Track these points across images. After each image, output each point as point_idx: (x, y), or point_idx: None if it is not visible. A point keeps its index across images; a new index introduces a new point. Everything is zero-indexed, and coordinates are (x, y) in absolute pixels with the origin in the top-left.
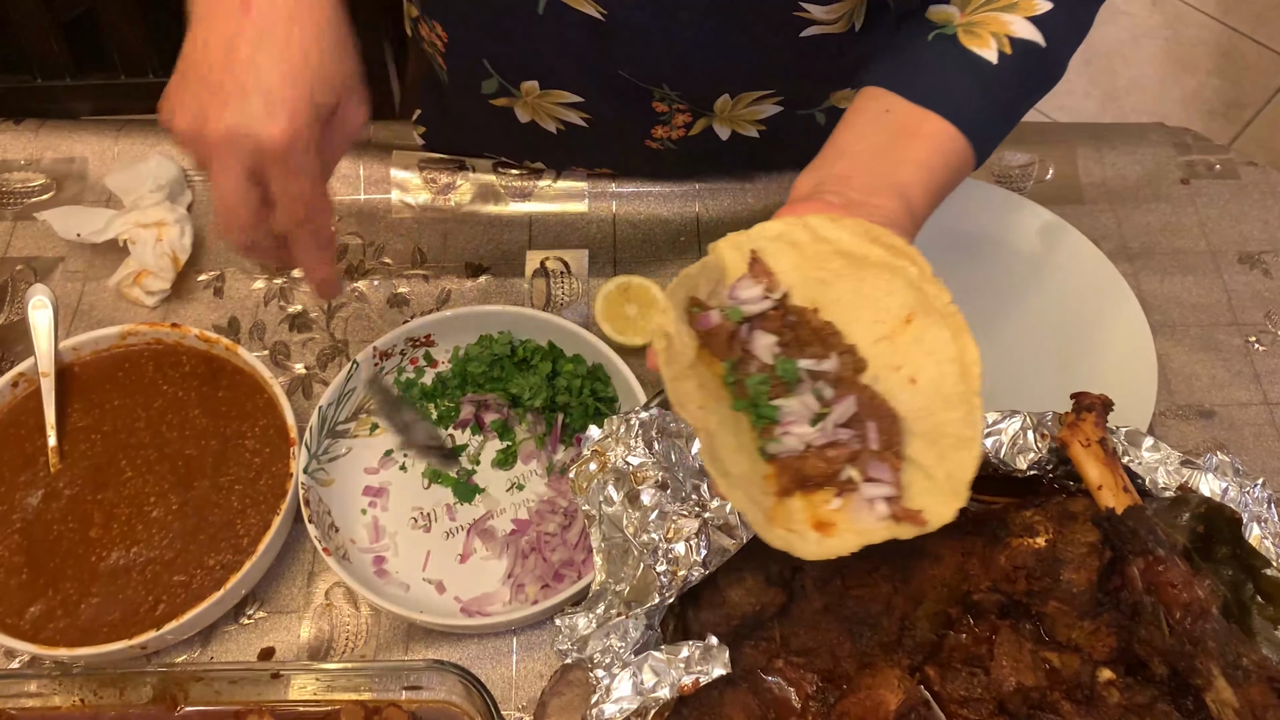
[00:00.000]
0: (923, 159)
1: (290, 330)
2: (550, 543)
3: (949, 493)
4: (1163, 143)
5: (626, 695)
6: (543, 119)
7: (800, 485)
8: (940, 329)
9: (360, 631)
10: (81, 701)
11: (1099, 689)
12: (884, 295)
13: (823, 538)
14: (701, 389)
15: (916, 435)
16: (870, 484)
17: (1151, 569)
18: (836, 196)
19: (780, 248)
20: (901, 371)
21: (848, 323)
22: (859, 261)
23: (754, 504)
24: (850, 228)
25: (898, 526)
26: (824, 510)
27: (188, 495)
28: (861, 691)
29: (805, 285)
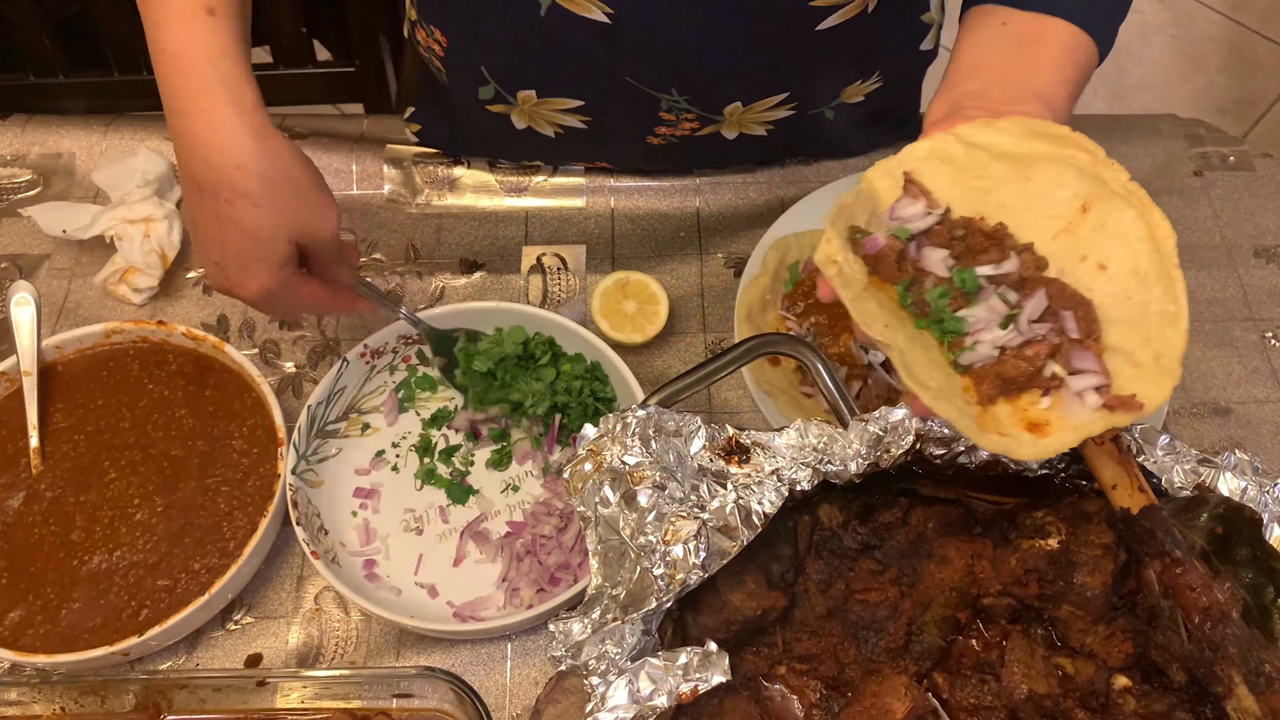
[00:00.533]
0: (1054, 62)
1: (280, 328)
2: (546, 545)
3: (1160, 372)
4: (1175, 134)
5: (622, 704)
6: (540, 125)
7: (1003, 391)
8: (1124, 209)
9: (350, 637)
10: (62, 710)
11: (1114, 697)
12: (1053, 189)
13: (1038, 438)
14: (882, 309)
15: (1116, 322)
16: (1077, 376)
17: (1169, 571)
18: (979, 111)
19: (933, 165)
20: (1089, 260)
21: (1019, 225)
22: (1022, 160)
23: (961, 413)
24: (1006, 128)
25: (1113, 415)
26: (1033, 411)
27: (173, 497)
28: (867, 699)
29: (965, 198)
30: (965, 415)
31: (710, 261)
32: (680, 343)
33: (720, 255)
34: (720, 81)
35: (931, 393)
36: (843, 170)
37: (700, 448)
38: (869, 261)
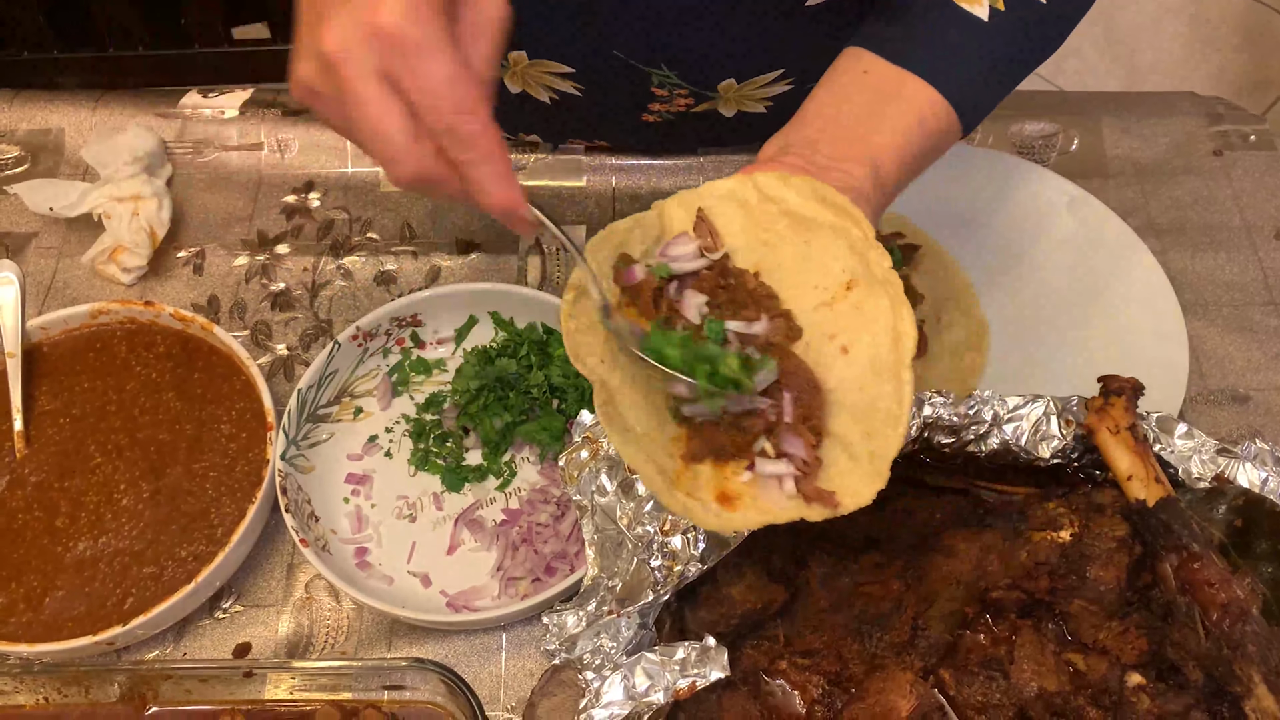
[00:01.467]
0: (898, 125)
1: (272, 309)
2: (542, 534)
3: (871, 473)
4: (1194, 112)
5: (618, 700)
6: (534, 89)
7: (712, 453)
8: (880, 297)
9: (341, 627)
10: (45, 700)
11: (1127, 694)
12: (829, 260)
13: (723, 510)
14: (609, 344)
15: (845, 409)
16: (776, 460)
17: (1186, 566)
18: (801, 160)
19: (729, 207)
20: (836, 340)
21: (789, 288)
22: (806, 224)
23: (654, 465)
24: (798, 187)
25: (807, 507)
26: (733, 482)
27: (160, 483)
28: (870, 697)
29: (750, 248)
30: (658, 467)
31: None
32: None
33: None
34: (709, 58)
35: (628, 438)
36: None
37: None
38: (627, 292)
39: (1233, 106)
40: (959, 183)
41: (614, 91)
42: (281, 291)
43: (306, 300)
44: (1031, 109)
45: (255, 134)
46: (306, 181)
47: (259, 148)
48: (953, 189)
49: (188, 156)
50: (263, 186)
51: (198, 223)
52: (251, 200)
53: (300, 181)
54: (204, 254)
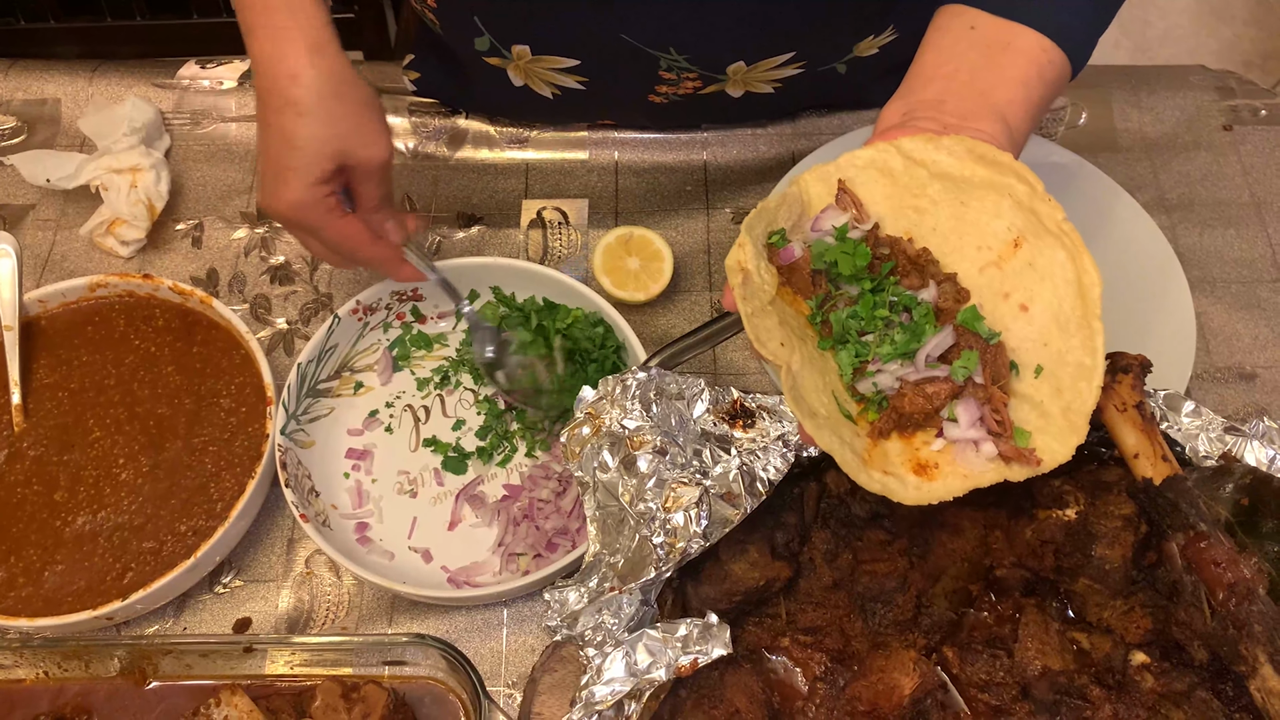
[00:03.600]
0: (1019, 76)
1: (272, 283)
2: (543, 510)
3: (1066, 428)
4: (1204, 86)
5: (619, 676)
6: (536, 84)
7: (897, 425)
8: (1055, 250)
9: (342, 602)
10: (45, 674)
11: (1131, 673)
12: (989, 219)
13: (923, 481)
14: (783, 326)
15: (1030, 367)
16: (971, 424)
17: (1192, 545)
18: (931, 123)
19: (871, 176)
20: (1011, 298)
21: (949, 252)
22: (961, 184)
23: (848, 447)
24: (950, 147)
25: (1008, 468)
26: (925, 452)
27: (159, 457)
28: (873, 674)
29: (898, 215)
30: (850, 448)
31: (717, 216)
32: (685, 301)
33: (728, 210)
34: (720, 40)
35: (817, 421)
36: (858, 121)
37: (704, 411)
38: (782, 272)
39: (1244, 80)
40: None
41: (620, 79)
42: (281, 265)
43: (306, 274)
44: None
45: (254, 105)
46: None
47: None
48: None
49: (186, 128)
50: None
51: (196, 195)
52: (250, 172)
53: None
54: (203, 227)
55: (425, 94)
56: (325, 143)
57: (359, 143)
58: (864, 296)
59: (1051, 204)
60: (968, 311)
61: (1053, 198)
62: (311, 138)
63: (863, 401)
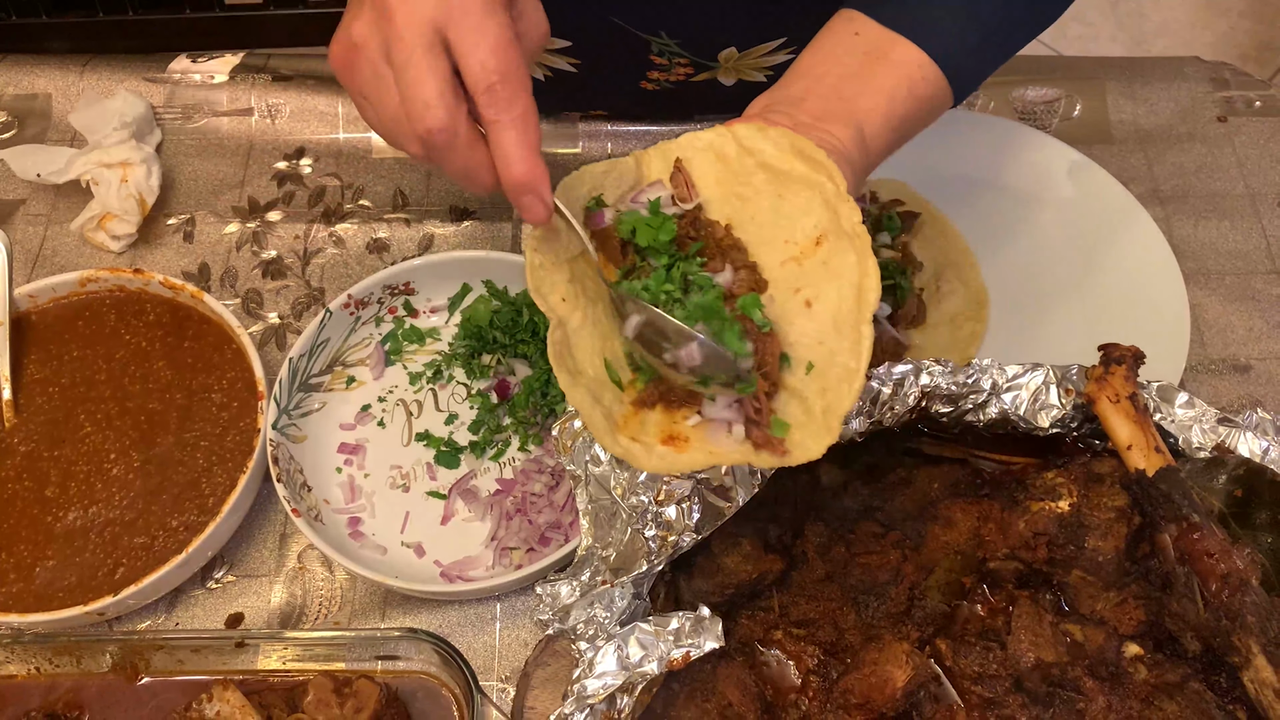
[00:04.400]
0: (885, 87)
1: (264, 277)
2: (536, 504)
3: (822, 428)
4: (1199, 78)
5: (611, 670)
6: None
7: (662, 398)
8: (847, 252)
9: (335, 597)
10: (37, 670)
11: (1124, 665)
12: (800, 215)
13: (669, 451)
14: (573, 284)
15: (803, 363)
16: (726, 405)
17: (1185, 536)
18: (784, 118)
19: (707, 159)
20: (801, 294)
21: (761, 242)
22: (781, 176)
23: (600, 408)
24: (775, 139)
25: (755, 453)
26: (681, 426)
27: (150, 452)
28: (866, 667)
29: (724, 200)
30: (602, 410)
31: None
32: None
33: None
34: (711, 24)
35: (577, 381)
36: None
37: None
38: (596, 236)
39: (1238, 72)
40: (960, 149)
41: (612, 63)
42: (273, 259)
43: (298, 268)
44: (1034, 74)
45: (245, 99)
46: (298, 148)
47: (249, 113)
48: (953, 156)
49: (177, 122)
50: (253, 153)
51: (188, 189)
52: (242, 166)
53: (291, 148)
54: (194, 221)
55: None
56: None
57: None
58: (657, 271)
59: (850, 205)
60: (748, 299)
61: (852, 199)
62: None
63: (637, 371)
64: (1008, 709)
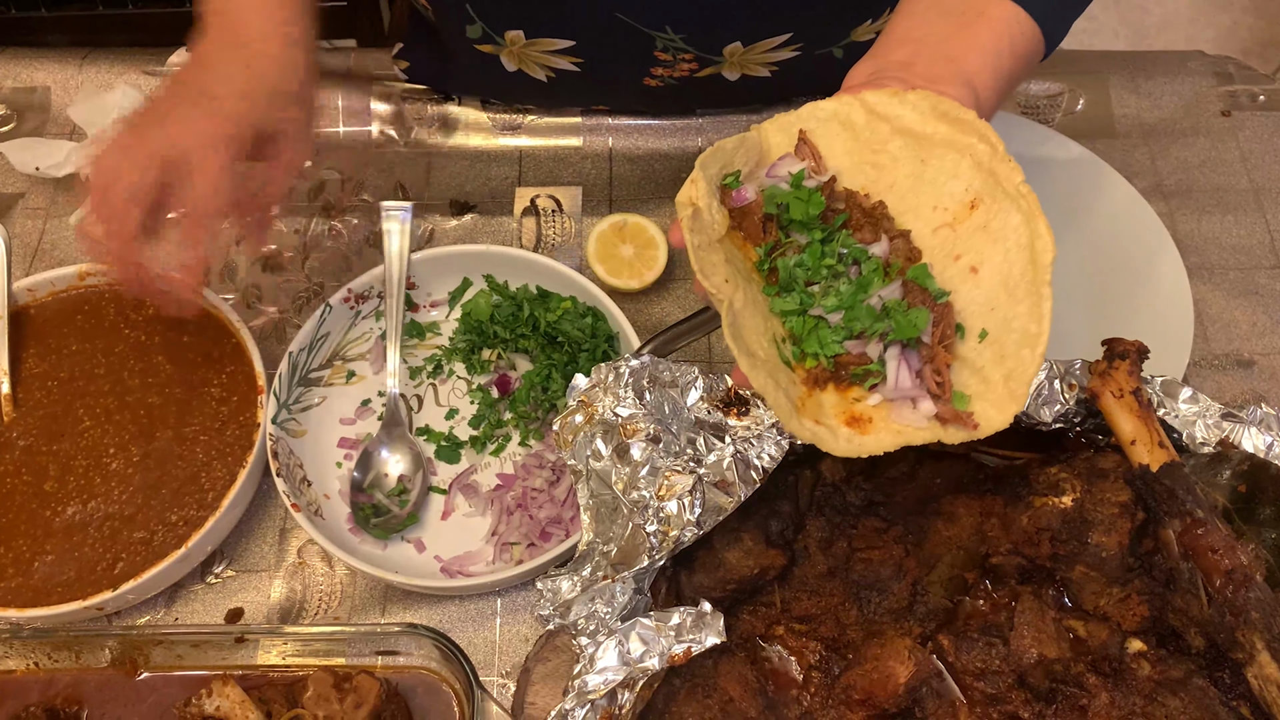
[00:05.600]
0: (989, 45)
1: (263, 272)
2: (537, 499)
3: (1006, 396)
4: (1203, 72)
5: (612, 665)
6: (531, 68)
7: (834, 377)
8: (1011, 213)
9: (335, 592)
10: (35, 665)
11: (1128, 661)
12: (948, 179)
13: (855, 434)
14: (729, 264)
15: (975, 331)
16: (911, 382)
17: (1189, 532)
18: (898, 83)
19: (832, 129)
20: (962, 260)
21: (904, 210)
22: (922, 141)
23: (781, 391)
24: (914, 103)
25: (943, 429)
26: (860, 406)
27: (150, 446)
28: (868, 663)
29: (857, 170)
30: (785, 394)
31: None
32: (679, 289)
33: None
34: (716, 19)
35: (754, 361)
36: None
37: (697, 399)
38: (734, 215)
39: (1242, 66)
40: None
41: (615, 61)
42: (272, 253)
43: (298, 262)
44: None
45: None
46: None
47: None
48: None
49: None
50: None
51: None
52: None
53: None
54: None
55: (416, 82)
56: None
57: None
58: (812, 245)
59: (1011, 165)
60: (918, 269)
61: (1013, 159)
62: (273, 92)
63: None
64: (1010, 705)
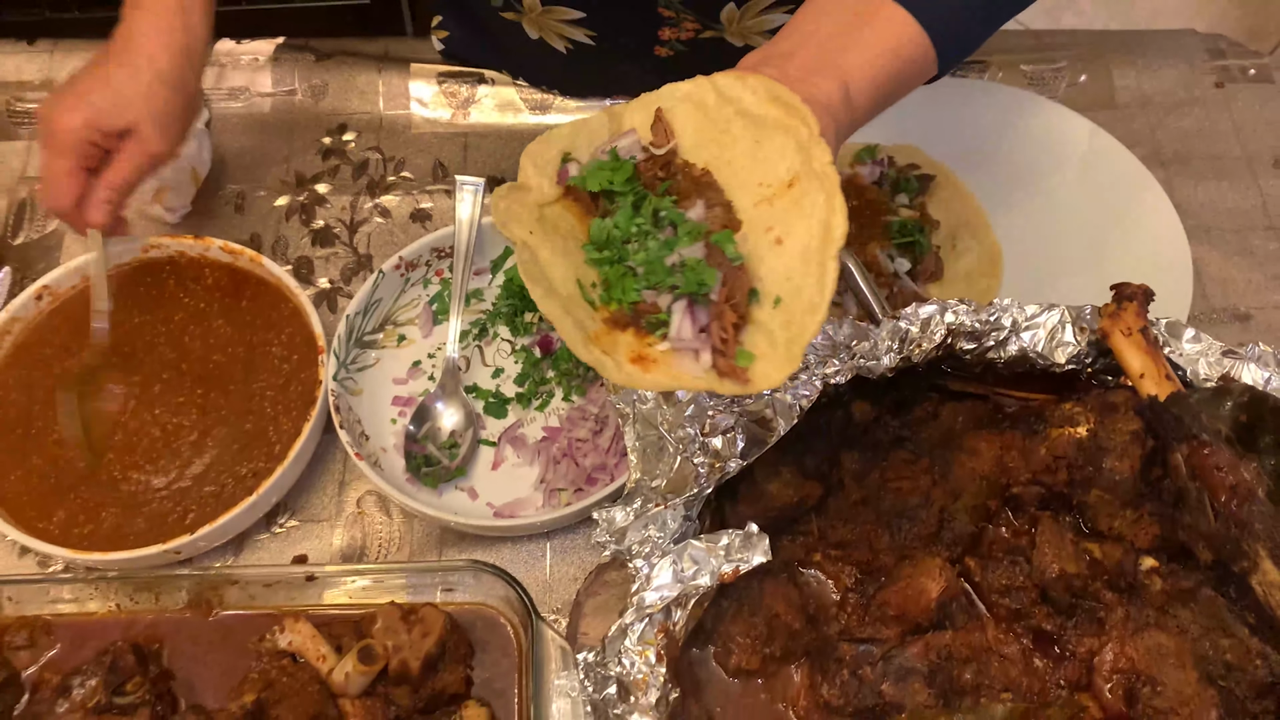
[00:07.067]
0: (872, 45)
1: (313, 245)
2: (582, 448)
3: (784, 358)
4: (1196, 48)
5: (667, 583)
6: (550, 37)
7: (634, 323)
8: (817, 191)
9: (393, 538)
10: (117, 606)
11: (1141, 577)
12: (776, 159)
13: (637, 370)
14: (541, 224)
15: (771, 298)
16: (695, 333)
17: (1196, 454)
18: (775, 71)
19: (687, 109)
20: (772, 233)
21: (737, 185)
22: (759, 122)
23: (572, 319)
24: (753, 87)
25: (719, 380)
26: (651, 349)
27: (217, 404)
28: (902, 580)
29: (702, 146)
30: (576, 325)
31: None
32: None
33: None
34: None
35: (549, 293)
36: None
37: None
38: (569, 193)
39: (1233, 43)
40: (971, 116)
41: (625, 26)
42: (321, 228)
43: (346, 236)
44: (1039, 47)
45: (289, 79)
46: (340, 123)
47: (293, 93)
48: (965, 122)
49: (224, 102)
50: (297, 129)
51: (236, 164)
52: (287, 142)
53: (334, 123)
54: (244, 194)
55: (452, 51)
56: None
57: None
58: (624, 209)
59: (822, 147)
60: (721, 235)
61: (824, 142)
62: (133, 94)
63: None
64: (1034, 619)
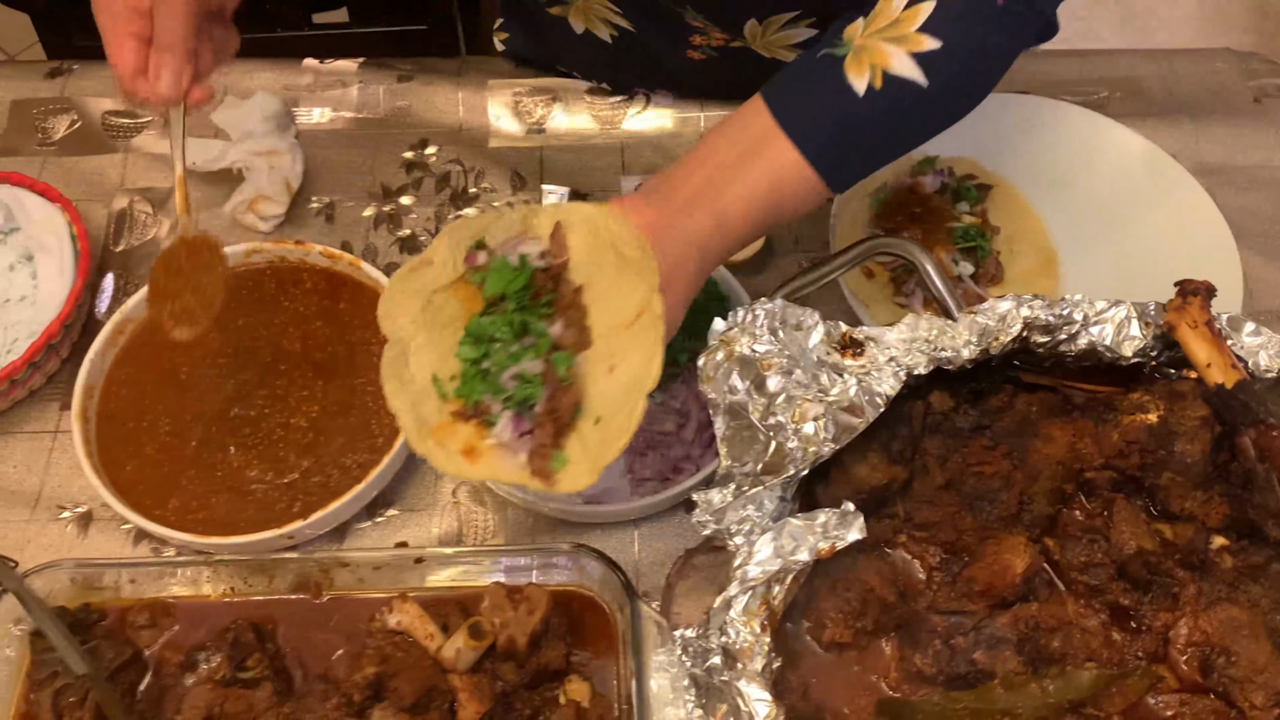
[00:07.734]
0: (752, 181)
1: (401, 252)
2: (666, 440)
3: (589, 470)
4: (1230, 65)
5: (768, 557)
6: (595, 25)
7: (475, 416)
8: (647, 333)
9: (488, 525)
10: (231, 589)
11: (1211, 556)
12: (632, 293)
13: (465, 461)
14: (425, 313)
15: (594, 415)
16: (516, 437)
17: (1264, 435)
18: (662, 200)
19: (583, 229)
20: (609, 359)
21: (603, 310)
22: (625, 260)
23: (414, 414)
24: (630, 230)
25: (531, 479)
26: (481, 444)
27: (324, 398)
28: (988, 557)
29: (588, 265)
30: (416, 417)
31: None
32: (779, 263)
33: None
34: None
35: (401, 386)
36: None
37: (818, 341)
38: (472, 274)
39: (1266, 60)
40: (1021, 129)
41: (658, 30)
42: (408, 236)
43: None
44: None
45: (372, 96)
46: (421, 138)
47: (376, 109)
48: (1017, 134)
49: (311, 118)
50: (381, 143)
51: (324, 177)
52: (372, 155)
53: (416, 138)
54: (334, 205)
55: (513, 51)
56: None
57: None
58: (506, 313)
59: (657, 297)
60: (560, 356)
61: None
62: None
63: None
64: (1111, 595)
